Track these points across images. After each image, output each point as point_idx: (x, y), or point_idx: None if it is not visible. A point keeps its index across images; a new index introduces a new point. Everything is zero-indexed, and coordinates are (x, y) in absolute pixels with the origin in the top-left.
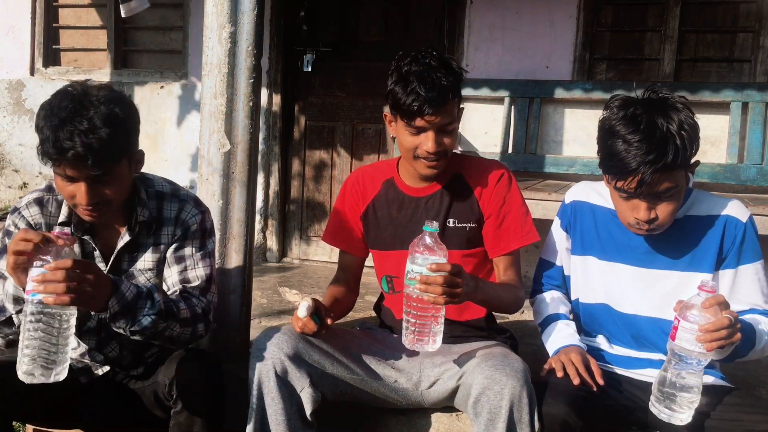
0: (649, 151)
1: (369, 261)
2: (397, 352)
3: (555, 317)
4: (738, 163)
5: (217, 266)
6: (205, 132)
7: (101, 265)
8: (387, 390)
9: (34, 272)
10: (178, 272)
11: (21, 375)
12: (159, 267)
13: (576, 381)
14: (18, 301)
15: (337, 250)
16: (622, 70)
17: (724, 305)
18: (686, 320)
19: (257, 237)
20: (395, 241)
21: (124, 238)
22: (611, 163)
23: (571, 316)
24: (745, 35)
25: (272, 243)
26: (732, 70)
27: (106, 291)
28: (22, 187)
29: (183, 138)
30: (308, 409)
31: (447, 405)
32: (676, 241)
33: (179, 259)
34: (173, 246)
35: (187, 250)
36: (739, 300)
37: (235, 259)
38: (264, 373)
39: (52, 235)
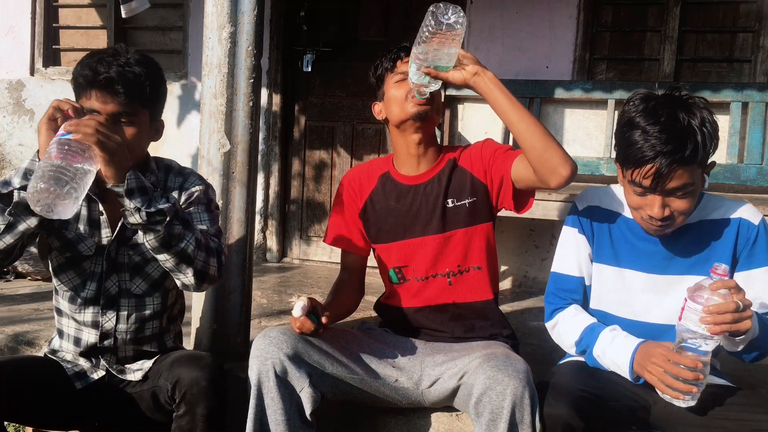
0: (668, 142)
1: (371, 261)
2: (398, 351)
3: (595, 328)
4: (738, 163)
5: None
6: (205, 132)
7: (107, 231)
8: (387, 389)
9: (67, 123)
10: None
11: (29, 194)
12: None
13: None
14: (27, 175)
15: (338, 250)
16: (622, 70)
17: (736, 290)
18: (693, 301)
19: (257, 237)
20: (398, 231)
21: None
22: (628, 152)
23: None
24: (745, 35)
25: (272, 243)
26: (732, 70)
27: (125, 159)
28: None
29: (183, 138)
30: (308, 409)
31: (447, 405)
32: (689, 245)
33: None
34: None
35: (194, 212)
36: (754, 304)
37: (235, 259)
38: (264, 373)
39: (83, 109)
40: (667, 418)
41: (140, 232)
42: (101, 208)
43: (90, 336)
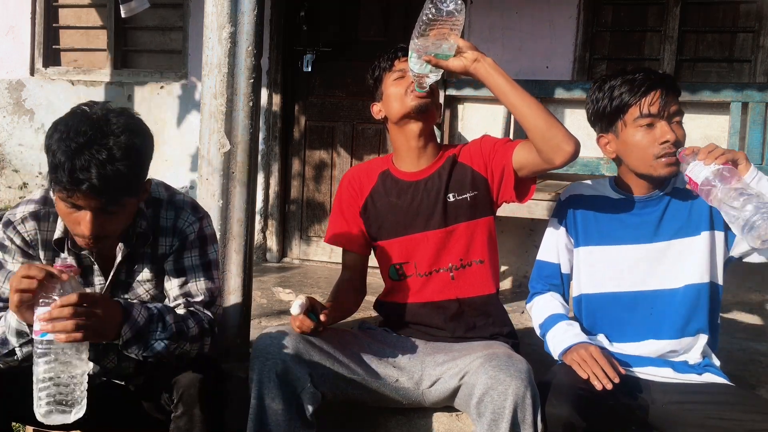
0: (657, 74)
1: (371, 261)
2: (398, 351)
3: (558, 317)
4: None
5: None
6: (205, 132)
7: (100, 279)
8: (388, 389)
9: (41, 311)
10: (179, 286)
11: (39, 417)
12: (158, 278)
13: (609, 386)
14: (21, 334)
15: (338, 250)
16: None
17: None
18: (686, 164)
19: (257, 237)
20: (399, 227)
21: (122, 251)
22: (624, 96)
23: (571, 316)
24: (745, 35)
25: (272, 243)
26: (732, 70)
27: (116, 320)
28: (22, 187)
29: (183, 138)
30: (309, 410)
31: (447, 405)
32: (670, 212)
33: (179, 272)
34: (172, 257)
35: (187, 262)
36: None
37: (235, 259)
38: (265, 374)
39: (56, 269)
40: (666, 417)
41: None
42: (91, 257)
43: (89, 367)
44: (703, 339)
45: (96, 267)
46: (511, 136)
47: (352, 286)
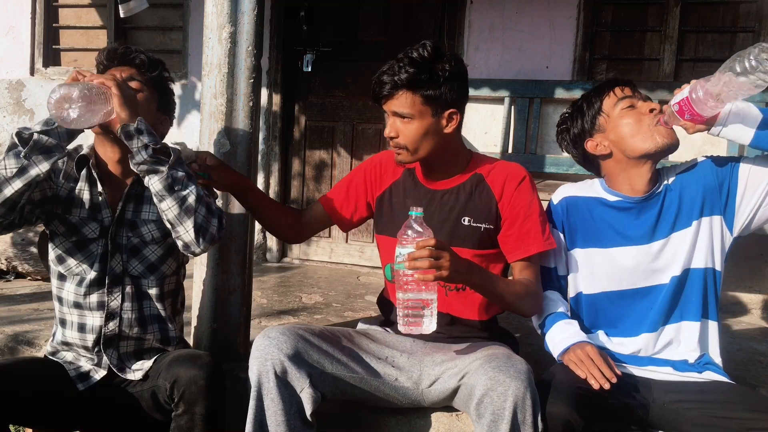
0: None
1: (372, 261)
2: (397, 351)
3: (557, 317)
4: None
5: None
6: (205, 132)
7: (107, 212)
8: (387, 389)
9: (88, 77)
10: None
11: (51, 101)
12: (162, 220)
13: (606, 385)
14: (48, 123)
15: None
16: (622, 70)
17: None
18: (671, 114)
19: (257, 237)
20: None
21: (129, 187)
22: (592, 97)
23: (569, 314)
24: (745, 35)
25: (272, 243)
26: None
27: (137, 105)
28: None
29: (183, 138)
30: (308, 410)
31: (447, 405)
32: (663, 209)
33: None
34: None
35: None
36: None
37: (235, 259)
38: (264, 374)
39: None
40: (666, 415)
41: (146, 178)
42: (101, 189)
43: (95, 319)
44: (695, 325)
45: (102, 198)
46: (510, 138)
47: (297, 217)
